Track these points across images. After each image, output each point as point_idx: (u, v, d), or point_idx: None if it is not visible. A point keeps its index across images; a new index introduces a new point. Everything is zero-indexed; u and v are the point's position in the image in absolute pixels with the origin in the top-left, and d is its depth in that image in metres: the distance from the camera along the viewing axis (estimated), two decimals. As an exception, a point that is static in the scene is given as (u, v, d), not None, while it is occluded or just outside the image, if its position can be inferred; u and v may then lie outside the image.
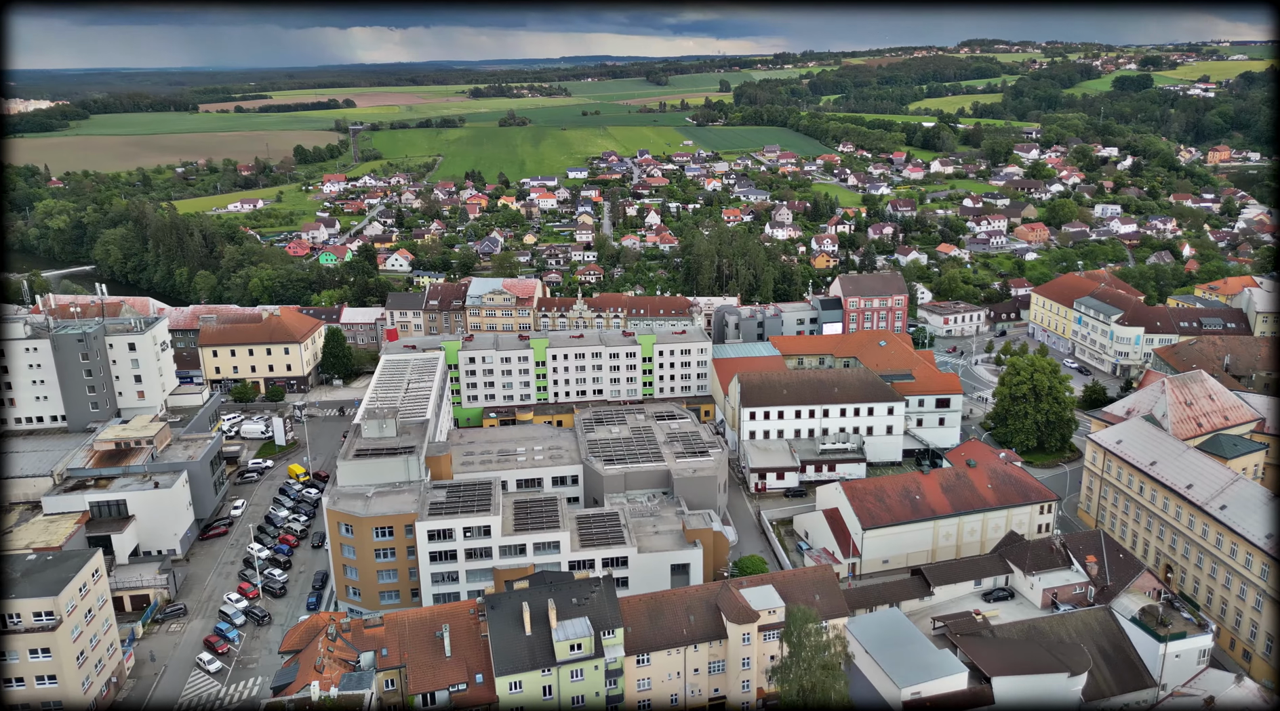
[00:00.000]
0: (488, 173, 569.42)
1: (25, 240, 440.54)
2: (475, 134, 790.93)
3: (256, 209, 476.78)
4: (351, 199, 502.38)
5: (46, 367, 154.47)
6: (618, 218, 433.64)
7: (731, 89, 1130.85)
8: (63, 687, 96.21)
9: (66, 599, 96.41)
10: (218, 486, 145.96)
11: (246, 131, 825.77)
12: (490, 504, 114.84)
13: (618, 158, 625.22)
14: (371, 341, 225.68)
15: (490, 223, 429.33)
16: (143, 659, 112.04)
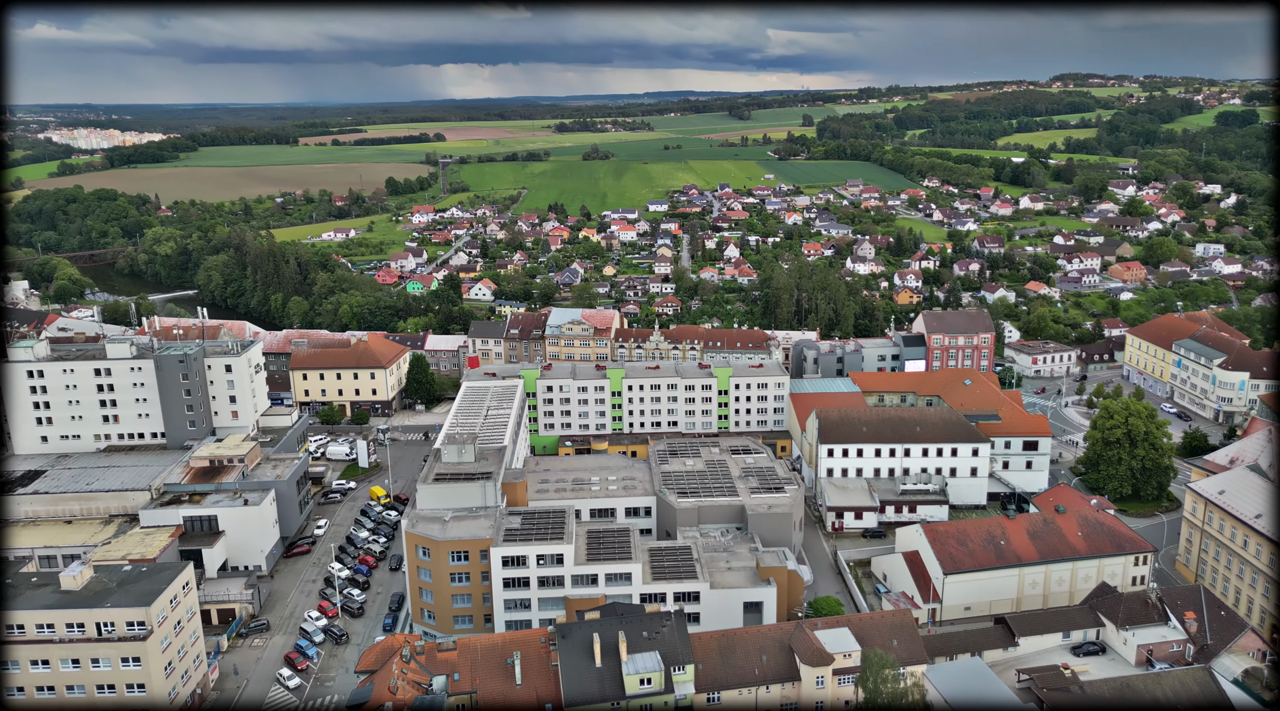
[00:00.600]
0: (570, 205, 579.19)
1: (135, 265, 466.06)
2: (559, 167, 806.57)
3: (349, 238, 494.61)
4: (439, 229, 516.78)
5: (149, 386, 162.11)
6: (696, 250, 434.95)
7: (814, 123, 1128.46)
8: (150, 696, 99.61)
9: (158, 610, 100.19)
10: (303, 506, 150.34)
11: (342, 163, 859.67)
12: (564, 532, 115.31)
13: (698, 191, 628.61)
14: (454, 368, 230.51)
15: (571, 254, 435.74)
16: (226, 672, 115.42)
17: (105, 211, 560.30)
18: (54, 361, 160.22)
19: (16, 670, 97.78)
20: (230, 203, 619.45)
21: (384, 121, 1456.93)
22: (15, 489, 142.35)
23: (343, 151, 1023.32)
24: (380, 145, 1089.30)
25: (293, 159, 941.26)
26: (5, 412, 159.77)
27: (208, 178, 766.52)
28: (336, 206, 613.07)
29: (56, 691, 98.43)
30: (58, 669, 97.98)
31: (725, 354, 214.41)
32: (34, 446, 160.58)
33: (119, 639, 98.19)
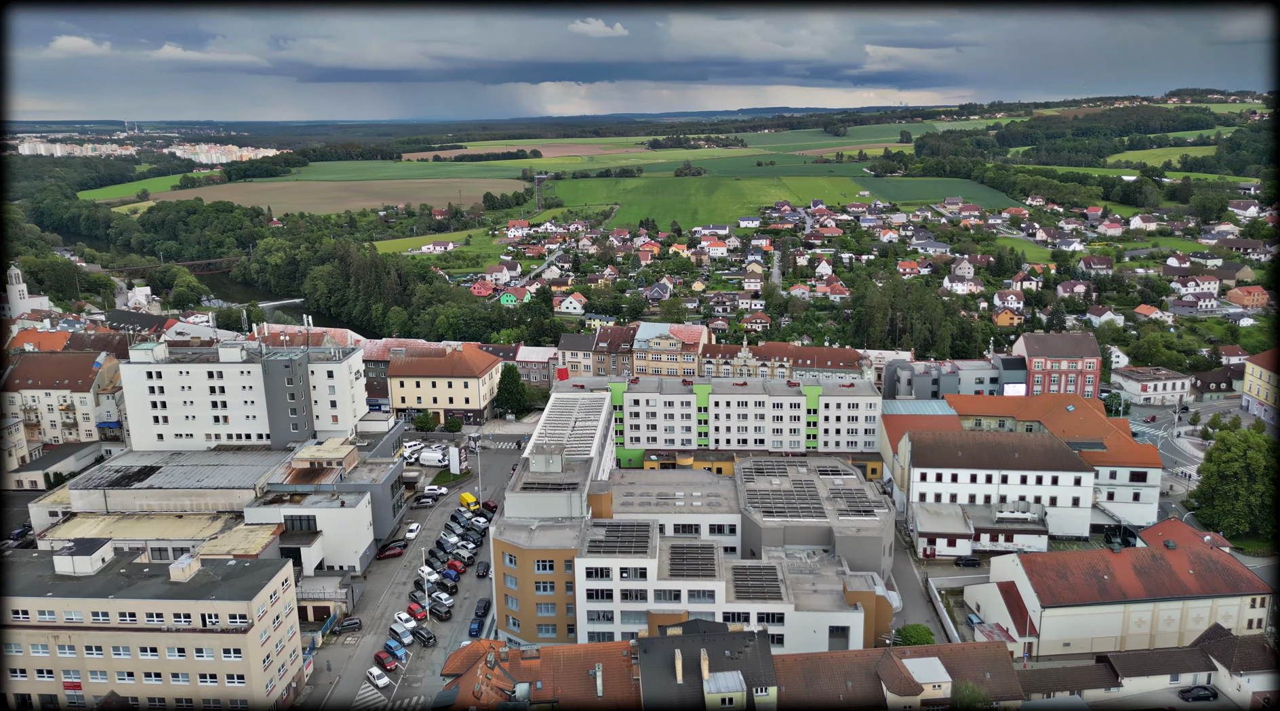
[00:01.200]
0: (661, 221, 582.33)
1: (247, 274, 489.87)
2: (651, 183, 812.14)
3: (447, 251, 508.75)
4: (533, 244, 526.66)
5: (256, 390, 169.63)
6: (788, 267, 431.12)
7: (913, 140, 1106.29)
8: (249, 687, 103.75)
9: (258, 604, 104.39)
10: (396, 509, 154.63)
11: (442, 179, 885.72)
12: (647, 546, 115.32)
13: (790, 207, 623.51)
14: (544, 379, 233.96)
15: (661, 269, 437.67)
16: (320, 667, 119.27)
17: (222, 222, 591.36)
18: (171, 364, 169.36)
19: (126, 655, 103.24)
20: (336, 215, 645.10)
21: (483, 138, 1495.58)
22: (133, 483, 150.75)
23: (443, 167, 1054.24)
24: (479, 161, 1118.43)
25: (396, 174, 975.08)
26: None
27: (316, 191, 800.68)
28: (436, 220, 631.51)
29: (163, 678, 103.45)
30: (164, 656, 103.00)
31: (815, 372, 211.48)
32: (150, 443, 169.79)
33: (222, 630, 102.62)
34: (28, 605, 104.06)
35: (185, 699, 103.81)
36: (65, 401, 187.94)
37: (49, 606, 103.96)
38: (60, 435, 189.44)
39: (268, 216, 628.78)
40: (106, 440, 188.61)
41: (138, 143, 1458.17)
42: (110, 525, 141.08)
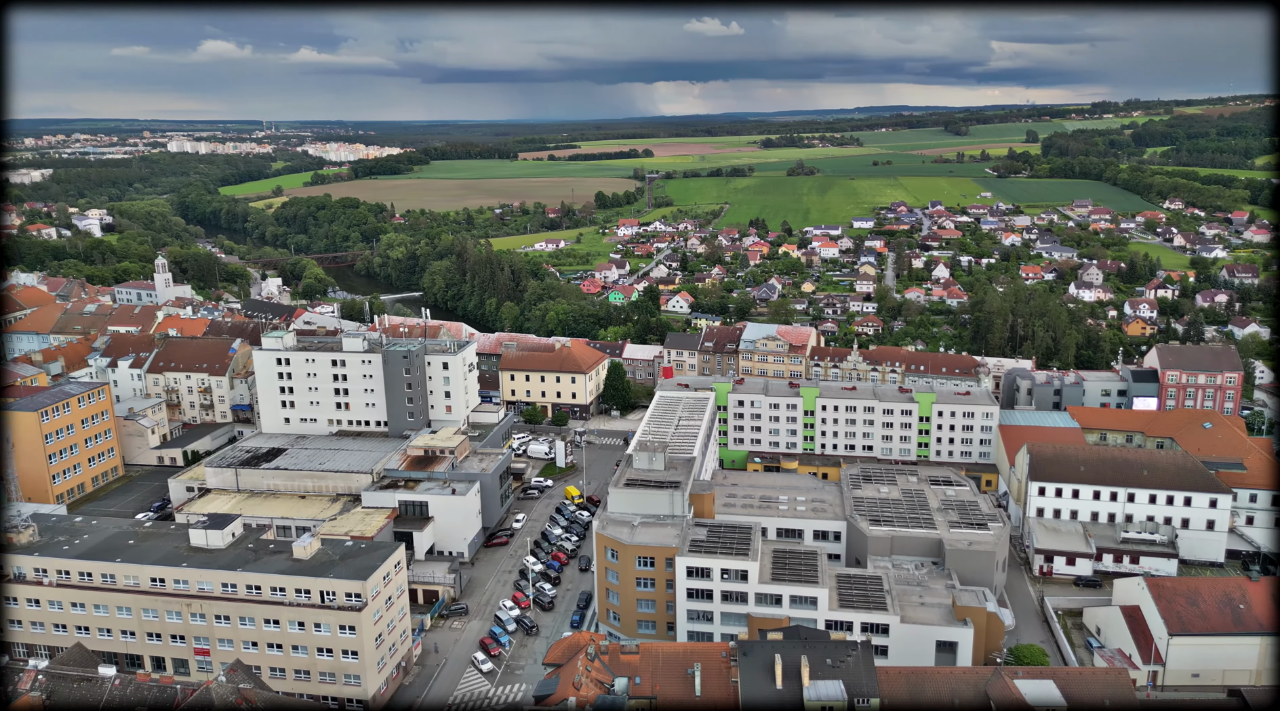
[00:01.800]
0: (771, 221, 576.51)
1: (370, 267, 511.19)
2: (762, 183, 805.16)
3: (558, 248, 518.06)
4: (642, 242, 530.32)
5: (376, 379, 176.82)
6: (902, 269, 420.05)
7: (1039, 139, 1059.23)
8: (361, 664, 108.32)
9: (372, 585, 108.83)
10: (504, 499, 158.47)
11: (556, 178, 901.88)
12: (749, 549, 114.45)
13: (907, 208, 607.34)
14: (649, 377, 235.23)
15: (770, 269, 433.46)
16: (428, 649, 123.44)
17: (348, 218, 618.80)
18: (299, 351, 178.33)
19: (251, 625, 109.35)
20: (455, 213, 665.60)
21: (597, 138, 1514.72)
22: (261, 464, 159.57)
23: (557, 166, 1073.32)
24: (592, 160, 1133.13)
25: (512, 173, 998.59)
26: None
27: (437, 189, 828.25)
28: (549, 218, 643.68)
29: (283, 650, 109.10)
30: (285, 629, 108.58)
31: (928, 379, 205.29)
32: (277, 426, 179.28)
33: (338, 607, 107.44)
34: (165, 574, 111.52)
35: (303, 670, 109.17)
36: (203, 384, 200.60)
37: (184, 576, 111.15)
38: (198, 415, 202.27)
39: (391, 213, 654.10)
40: (239, 422, 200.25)
41: (274, 141, 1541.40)
42: (240, 502, 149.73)
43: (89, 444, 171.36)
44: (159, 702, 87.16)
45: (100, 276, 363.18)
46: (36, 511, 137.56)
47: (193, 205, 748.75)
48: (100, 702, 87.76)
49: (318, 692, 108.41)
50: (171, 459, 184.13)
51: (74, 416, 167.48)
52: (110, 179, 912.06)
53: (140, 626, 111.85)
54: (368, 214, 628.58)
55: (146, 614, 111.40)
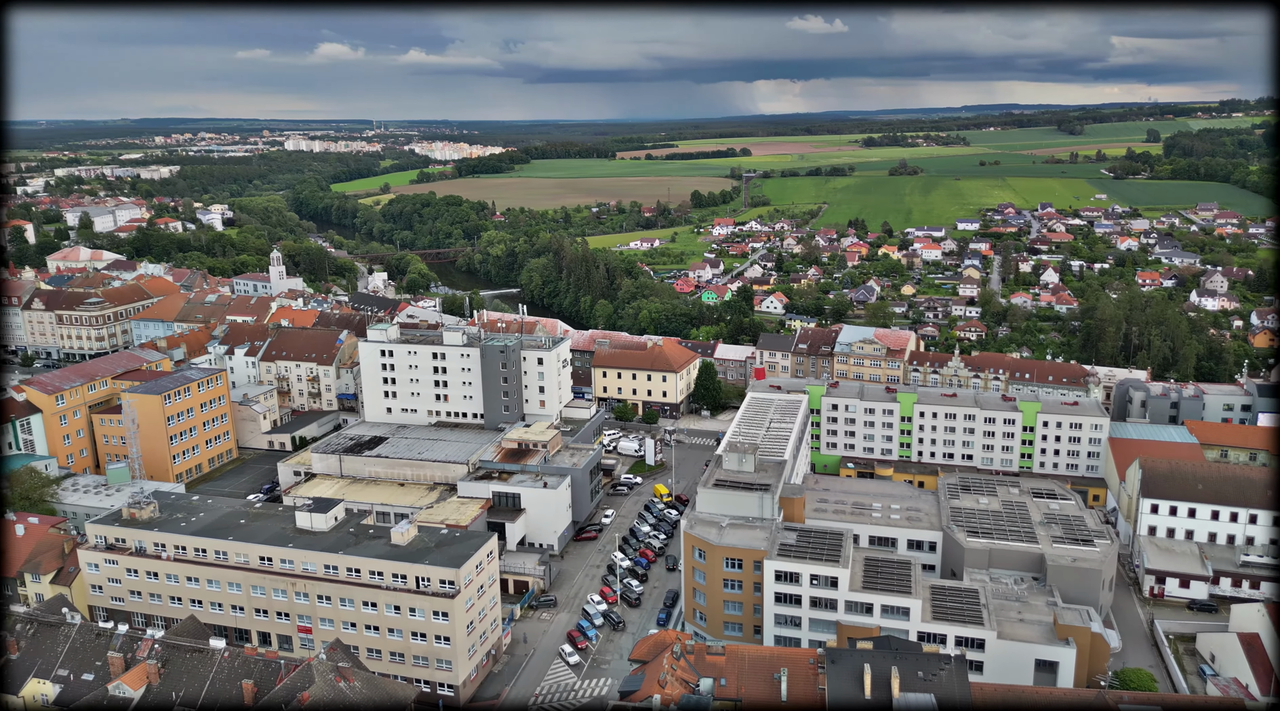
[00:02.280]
0: (871, 221, 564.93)
1: (471, 263, 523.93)
2: (863, 182, 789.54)
3: (653, 247, 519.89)
4: (737, 242, 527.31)
5: (474, 372, 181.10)
6: (1008, 273, 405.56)
7: (1161, 139, 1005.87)
8: (453, 649, 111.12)
9: (465, 573, 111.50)
10: (593, 494, 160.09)
11: (653, 177, 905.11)
12: (840, 555, 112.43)
13: (1015, 210, 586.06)
14: (740, 378, 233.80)
15: (868, 271, 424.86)
16: (517, 638, 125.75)
17: (451, 215, 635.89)
18: (402, 344, 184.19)
19: (350, 607, 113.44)
20: (553, 211, 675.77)
21: (695, 137, 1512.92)
22: (364, 451, 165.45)
23: (654, 165, 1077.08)
24: (689, 159, 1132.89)
25: (609, 172, 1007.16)
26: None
27: (536, 187, 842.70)
28: (644, 217, 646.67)
29: (380, 632, 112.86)
30: (382, 612, 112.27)
31: (1034, 387, 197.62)
32: (379, 415, 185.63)
33: (432, 593, 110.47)
34: (272, 553, 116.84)
35: (398, 653, 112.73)
36: (312, 373, 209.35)
37: (289, 556, 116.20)
38: (306, 403, 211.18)
39: (492, 210, 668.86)
40: (344, 410, 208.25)
41: (383, 140, 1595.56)
42: (343, 487, 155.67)
43: (207, 427, 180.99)
44: (263, 676, 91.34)
45: (220, 268, 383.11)
46: (158, 489, 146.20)
47: (306, 201, 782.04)
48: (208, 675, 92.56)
49: (411, 675, 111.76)
50: (281, 444, 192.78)
51: (194, 400, 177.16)
52: (232, 176, 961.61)
53: (249, 602, 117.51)
54: (470, 211, 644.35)
55: (255, 591, 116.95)
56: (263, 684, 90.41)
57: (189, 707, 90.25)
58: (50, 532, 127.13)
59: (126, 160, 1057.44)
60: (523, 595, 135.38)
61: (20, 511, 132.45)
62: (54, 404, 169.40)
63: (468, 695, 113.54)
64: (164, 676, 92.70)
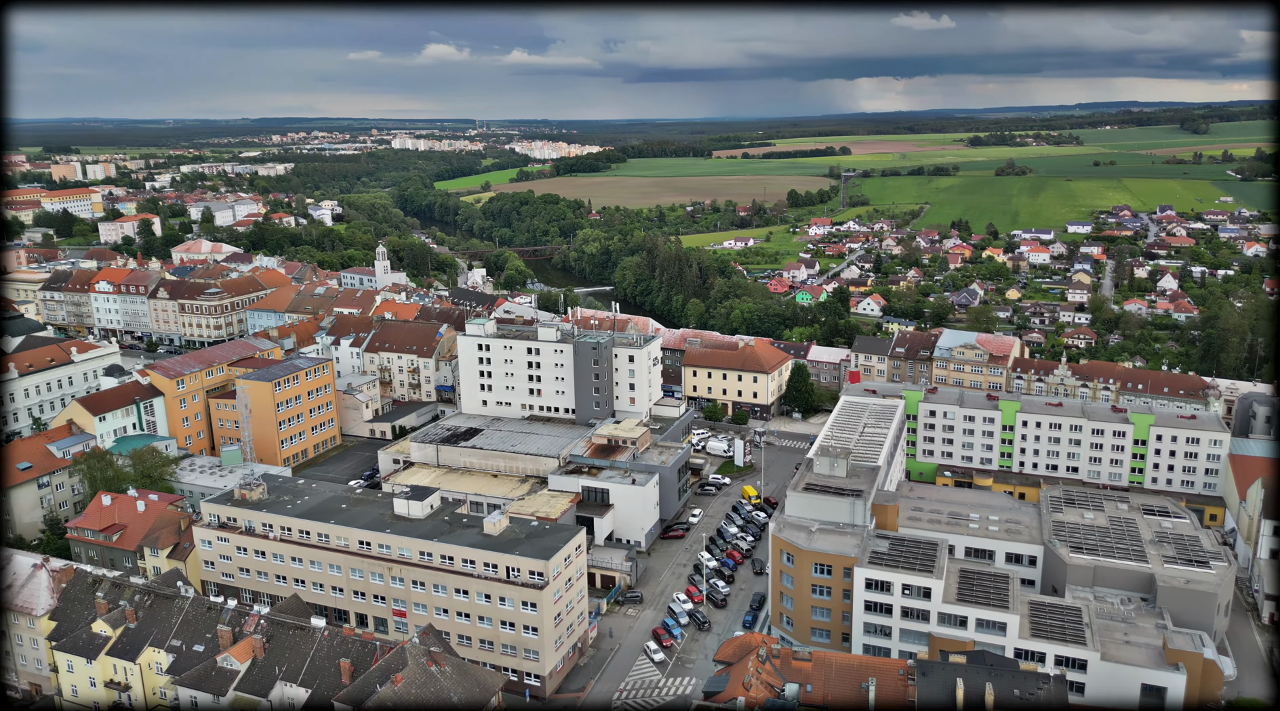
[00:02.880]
0: (975, 222, 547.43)
1: (566, 261, 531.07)
2: (967, 183, 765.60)
3: (747, 247, 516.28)
4: (833, 242, 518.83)
5: (567, 368, 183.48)
6: (1122, 278, 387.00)
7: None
8: (540, 640, 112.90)
9: (554, 565, 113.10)
10: (681, 493, 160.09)
11: (749, 176, 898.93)
12: (934, 566, 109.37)
13: (1131, 212, 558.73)
14: (833, 381, 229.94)
15: (971, 274, 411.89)
16: (603, 633, 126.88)
17: (548, 213, 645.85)
18: (498, 338, 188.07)
19: (443, 593, 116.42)
20: (648, 210, 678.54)
21: (793, 135, 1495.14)
22: (459, 442, 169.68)
23: (751, 164, 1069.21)
24: (786, 158, 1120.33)
25: (705, 171, 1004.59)
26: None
27: (631, 186, 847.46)
28: (739, 216, 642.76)
29: (471, 619, 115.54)
30: (473, 599, 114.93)
31: (1147, 399, 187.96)
32: (475, 407, 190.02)
33: (522, 584, 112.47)
34: (371, 538, 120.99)
35: (488, 640, 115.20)
36: (412, 364, 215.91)
37: (387, 541, 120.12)
38: (406, 393, 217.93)
39: (588, 209, 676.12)
40: (442, 401, 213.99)
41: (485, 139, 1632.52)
42: (439, 476, 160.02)
43: (313, 414, 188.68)
44: (360, 656, 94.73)
45: (329, 262, 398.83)
46: (267, 472, 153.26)
47: (410, 198, 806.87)
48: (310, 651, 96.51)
49: (499, 663, 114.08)
50: (381, 432, 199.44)
51: (302, 388, 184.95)
52: (342, 173, 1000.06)
53: (348, 584, 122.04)
54: (566, 210, 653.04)
55: (353, 573, 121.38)
56: (359, 663, 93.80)
57: (291, 682, 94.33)
58: (168, 509, 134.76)
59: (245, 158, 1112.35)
60: (609, 590, 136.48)
61: (141, 488, 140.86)
62: (175, 388, 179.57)
63: (553, 686, 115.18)
64: (268, 651, 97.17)
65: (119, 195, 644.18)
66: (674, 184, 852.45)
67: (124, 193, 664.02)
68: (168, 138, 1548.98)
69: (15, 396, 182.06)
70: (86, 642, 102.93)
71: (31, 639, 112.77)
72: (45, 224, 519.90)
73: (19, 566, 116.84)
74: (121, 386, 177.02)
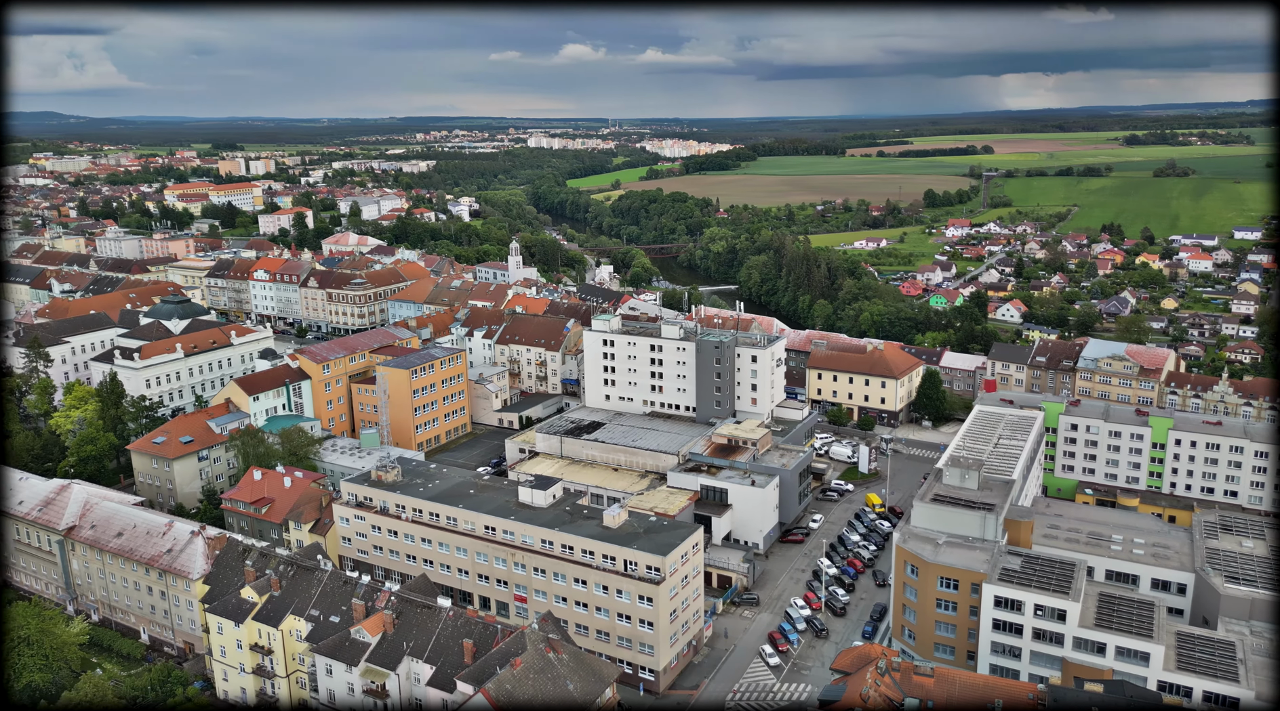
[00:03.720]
0: (1129, 227, 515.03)
1: (692, 259, 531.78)
2: (1121, 184, 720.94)
3: (879, 247, 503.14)
4: (972, 245, 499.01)
5: (689, 365, 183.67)
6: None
7: None
8: (655, 635, 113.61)
9: (671, 561, 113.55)
10: (801, 497, 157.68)
11: (884, 175, 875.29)
12: (1070, 587, 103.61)
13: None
14: (967, 389, 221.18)
15: (1122, 281, 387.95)
16: (718, 633, 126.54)
17: (676, 211, 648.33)
18: (622, 334, 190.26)
19: (562, 582, 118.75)
20: (776, 208, 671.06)
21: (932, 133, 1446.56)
22: (582, 435, 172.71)
23: (886, 163, 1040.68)
24: (924, 157, 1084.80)
25: (837, 169, 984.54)
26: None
27: (761, 185, 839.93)
28: (872, 216, 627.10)
29: (588, 609, 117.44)
30: (591, 590, 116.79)
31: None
32: (599, 402, 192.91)
33: (639, 578, 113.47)
34: (496, 523, 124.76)
35: (604, 631, 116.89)
36: (540, 357, 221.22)
37: (511, 528, 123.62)
38: (533, 385, 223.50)
39: (715, 207, 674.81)
40: (566, 394, 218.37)
41: (617, 138, 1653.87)
42: (562, 467, 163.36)
43: (446, 401, 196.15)
44: (482, 637, 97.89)
45: (465, 256, 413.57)
46: (402, 455, 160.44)
47: (543, 195, 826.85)
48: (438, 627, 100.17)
49: (614, 655, 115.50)
50: (509, 422, 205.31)
51: (436, 376, 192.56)
52: (479, 170, 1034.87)
53: (473, 567, 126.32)
54: (694, 208, 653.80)
55: (478, 557, 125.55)
56: (481, 644, 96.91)
57: (417, 657, 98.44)
58: (312, 487, 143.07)
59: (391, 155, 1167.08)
60: (725, 590, 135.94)
61: (288, 465, 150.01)
62: (321, 372, 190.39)
63: (667, 682, 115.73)
64: (397, 626, 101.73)
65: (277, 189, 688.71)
66: (804, 182, 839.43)
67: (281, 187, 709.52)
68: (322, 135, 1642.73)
69: (180, 375, 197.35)
70: (235, 607, 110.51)
71: (187, 600, 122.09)
72: (212, 216, 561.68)
73: (178, 532, 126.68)
74: (274, 369, 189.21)
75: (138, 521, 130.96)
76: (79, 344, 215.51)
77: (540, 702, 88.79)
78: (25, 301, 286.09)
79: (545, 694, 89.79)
